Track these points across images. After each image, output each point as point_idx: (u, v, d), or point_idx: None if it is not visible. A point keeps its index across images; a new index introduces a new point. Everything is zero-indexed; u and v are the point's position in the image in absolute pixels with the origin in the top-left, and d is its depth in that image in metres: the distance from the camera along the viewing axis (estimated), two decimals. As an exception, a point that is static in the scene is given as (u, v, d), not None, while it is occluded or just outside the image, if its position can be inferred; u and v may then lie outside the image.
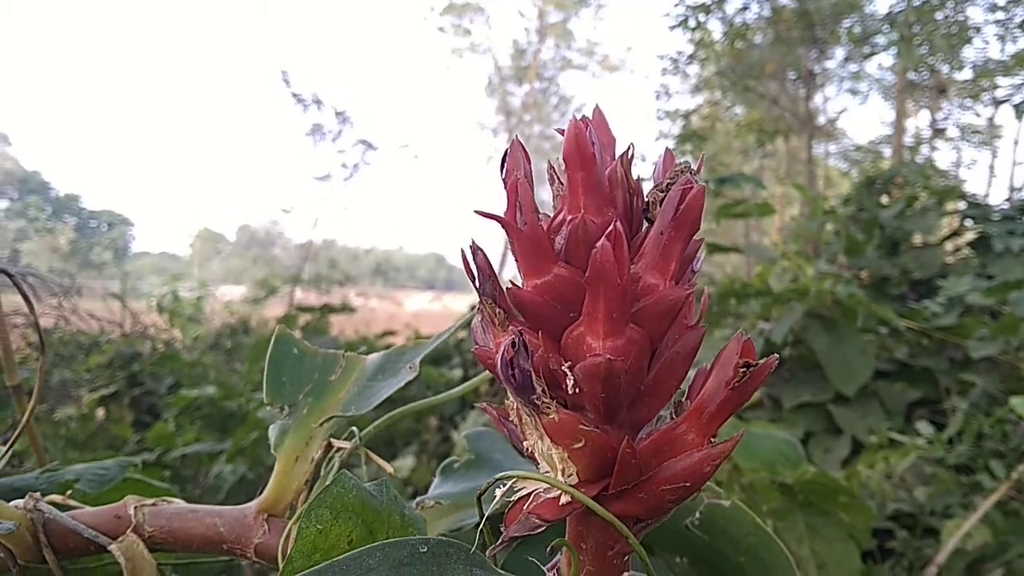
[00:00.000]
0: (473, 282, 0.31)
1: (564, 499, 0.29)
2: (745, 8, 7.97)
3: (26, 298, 0.53)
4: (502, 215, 0.31)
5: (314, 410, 0.46)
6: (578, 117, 0.31)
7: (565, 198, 0.32)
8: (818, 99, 9.12)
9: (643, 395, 0.31)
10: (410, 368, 0.48)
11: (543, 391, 0.29)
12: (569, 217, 0.31)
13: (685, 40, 8.58)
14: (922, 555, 1.70)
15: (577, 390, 0.30)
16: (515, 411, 0.31)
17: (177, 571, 0.45)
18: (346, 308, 4.51)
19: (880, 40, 7.62)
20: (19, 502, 0.45)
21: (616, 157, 0.33)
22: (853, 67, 8.77)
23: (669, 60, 8.98)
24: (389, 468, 0.45)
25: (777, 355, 0.29)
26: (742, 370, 0.29)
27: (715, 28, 8.36)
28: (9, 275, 0.54)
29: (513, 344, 0.28)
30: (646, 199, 0.33)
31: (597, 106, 0.34)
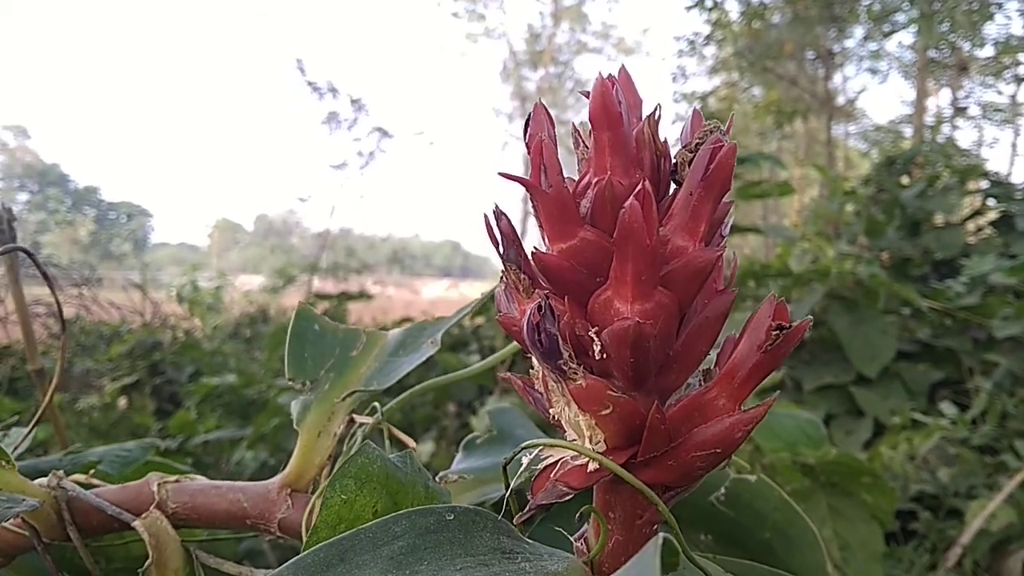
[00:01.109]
0: (497, 248, 0.31)
1: (592, 466, 0.29)
2: (763, -13, 7.89)
3: (48, 281, 0.53)
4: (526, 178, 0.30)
5: (336, 385, 0.46)
6: (604, 76, 0.30)
7: (591, 160, 0.31)
8: (837, 79, 9.02)
9: (672, 361, 0.30)
10: (431, 343, 0.47)
11: (570, 356, 0.28)
12: (595, 179, 0.30)
13: (702, 21, 8.50)
14: (946, 536, 1.69)
15: (605, 356, 0.29)
16: (541, 379, 0.31)
17: (202, 548, 0.45)
18: (363, 295, 4.52)
19: (900, 18, 7.52)
20: (43, 480, 0.45)
21: (643, 118, 0.32)
22: (873, 46, 8.66)
23: (686, 41, 8.91)
24: (411, 443, 0.45)
25: (811, 318, 0.28)
26: (775, 332, 0.28)
27: (732, 8, 8.28)
28: (31, 255, 0.54)
29: (539, 308, 0.27)
30: (674, 160, 0.32)
31: (623, 66, 0.33)
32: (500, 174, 0.29)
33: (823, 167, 4.40)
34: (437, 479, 0.44)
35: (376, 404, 0.46)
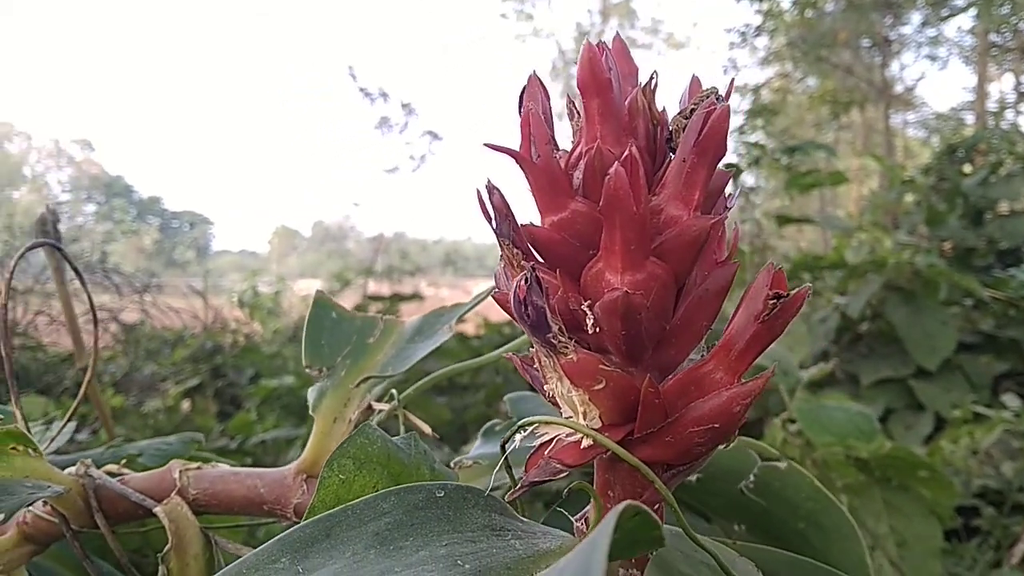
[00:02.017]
0: (490, 223, 0.30)
1: (586, 443, 0.28)
2: (815, -25, 7.73)
3: (78, 274, 0.54)
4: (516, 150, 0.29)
5: (352, 372, 0.46)
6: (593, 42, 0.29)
7: (582, 130, 0.30)
8: (894, 67, 8.78)
9: (670, 336, 0.30)
10: (448, 328, 0.47)
11: (560, 329, 0.27)
12: (586, 148, 0.30)
13: (752, 12, 8.36)
14: (1010, 533, 1.62)
15: (598, 329, 0.28)
16: (537, 355, 0.30)
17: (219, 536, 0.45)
18: (416, 296, 4.55)
19: (959, 1, 7.28)
20: (72, 468, 0.46)
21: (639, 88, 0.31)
22: (931, 32, 8.40)
23: (737, 33, 8.77)
24: (427, 429, 0.45)
25: (809, 284, 0.27)
26: (772, 301, 0.27)
27: (785, -3, 8.13)
28: (59, 248, 0.55)
29: (525, 280, 0.27)
30: (670, 128, 0.31)
31: (617, 34, 0.32)
32: (486, 144, 0.28)
33: (880, 156, 4.29)
34: (452, 465, 0.44)
35: (393, 392, 0.46)
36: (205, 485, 0.44)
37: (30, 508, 0.48)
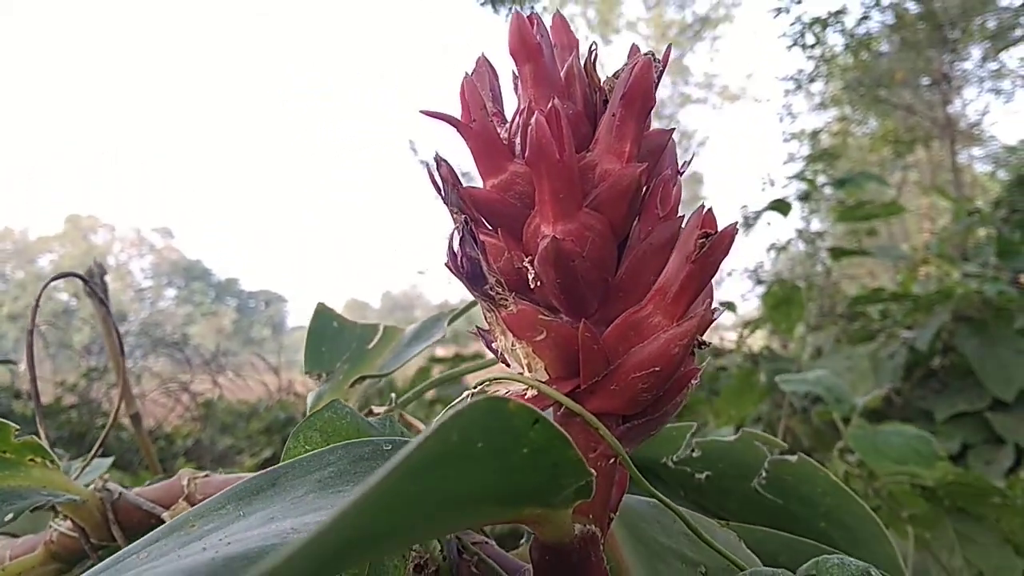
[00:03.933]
0: (439, 194, 0.31)
1: (530, 394, 0.28)
2: (865, 17, 7.69)
3: (106, 307, 0.57)
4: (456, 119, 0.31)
5: (350, 374, 0.47)
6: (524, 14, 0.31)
7: (521, 98, 0.31)
8: (957, 103, 8.61)
9: (617, 290, 0.30)
10: (440, 330, 0.48)
11: (497, 281, 0.28)
12: (520, 111, 0.31)
13: (804, 58, 8.34)
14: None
15: (539, 283, 0.29)
16: (484, 314, 0.31)
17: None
18: (476, 356, 4.58)
19: (1018, 32, 7.14)
20: (88, 480, 0.48)
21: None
22: (992, 65, 8.23)
23: (791, 80, 8.74)
24: (422, 428, 0.45)
25: (737, 223, 0.28)
26: (701, 241, 0.27)
27: (836, 41, 8.09)
28: (86, 280, 0.58)
29: (460, 232, 0.28)
30: (606, 91, 0.32)
31: (558, 11, 0.33)
32: (423, 111, 0.30)
33: (943, 189, 4.19)
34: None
35: (393, 395, 0.47)
36: (211, 490, 0.46)
37: (57, 527, 0.50)
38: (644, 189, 0.31)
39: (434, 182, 0.32)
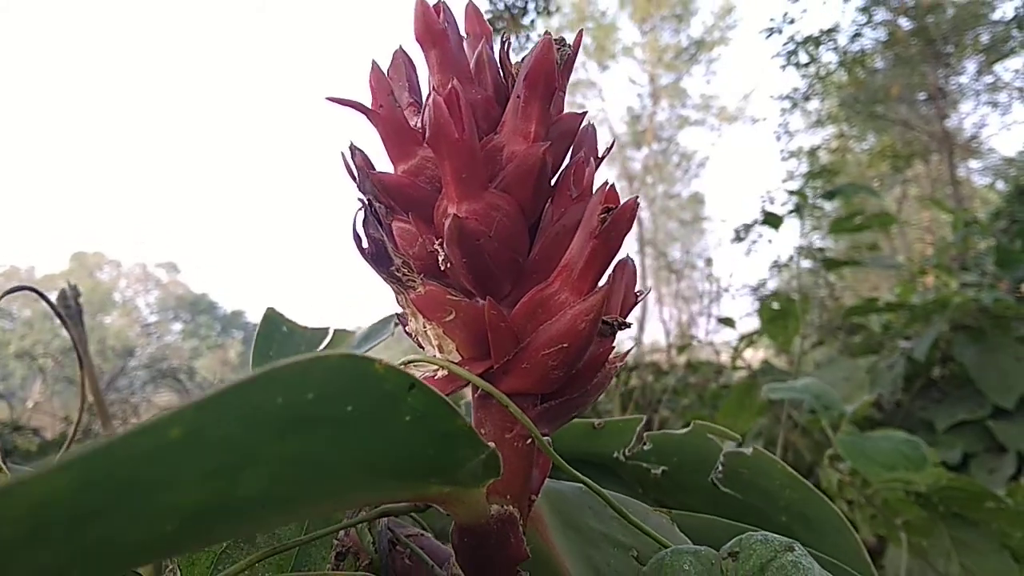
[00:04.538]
0: (353, 181, 0.32)
1: (441, 374, 0.29)
2: (858, 34, 7.74)
3: (61, 318, 0.57)
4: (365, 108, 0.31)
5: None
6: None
7: (429, 83, 0.32)
8: (955, 117, 8.62)
9: (530, 272, 0.30)
10: (390, 330, 0.48)
11: (404, 263, 0.28)
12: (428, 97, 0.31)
13: (799, 76, 8.39)
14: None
15: (448, 264, 0.29)
16: (395, 297, 0.31)
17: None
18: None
19: (1011, 45, 7.16)
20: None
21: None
22: (988, 78, 8.26)
23: (786, 99, 8.78)
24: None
25: (638, 199, 0.28)
26: (603, 216, 0.27)
27: (830, 59, 8.14)
28: (40, 293, 0.59)
29: (363, 212, 0.28)
30: (514, 76, 0.32)
31: (471, 2, 0.34)
32: (329, 98, 0.30)
33: (940, 200, 4.19)
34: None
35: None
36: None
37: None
38: (557, 171, 0.31)
39: (349, 170, 0.32)
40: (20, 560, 0.13)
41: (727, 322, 2.96)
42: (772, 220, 2.23)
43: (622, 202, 0.27)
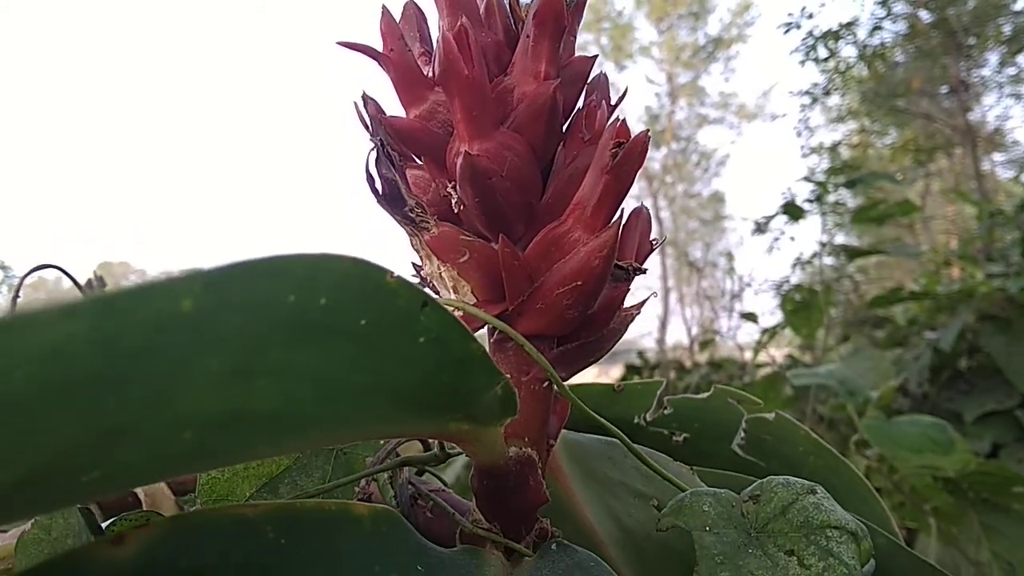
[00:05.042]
0: (366, 129, 0.32)
1: (456, 315, 0.28)
2: (877, 28, 7.66)
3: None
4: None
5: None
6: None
7: (439, 28, 0.32)
8: (977, 110, 8.51)
9: (544, 214, 0.30)
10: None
11: (417, 203, 0.28)
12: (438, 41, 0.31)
13: (818, 72, 8.32)
14: None
15: (462, 206, 0.29)
16: (410, 241, 0.31)
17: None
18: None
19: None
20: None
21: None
22: (1011, 70, 8.14)
23: (806, 95, 8.71)
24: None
25: (648, 130, 0.28)
26: (614, 151, 0.27)
27: (849, 53, 8.06)
28: (65, 272, 0.59)
29: (376, 153, 0.28)
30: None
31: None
32: (339, 42, 0.30)
33: (964, 193, 4.14)
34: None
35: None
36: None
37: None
38: (569, 114, 0.31)
39: (362, 119, 0.32)
40: (44, 425, 0.13)
41: (750, 317, 2.94)
42: (793, 211, 2.21)
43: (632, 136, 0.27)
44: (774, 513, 0.30)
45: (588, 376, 0.52)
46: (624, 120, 0.28)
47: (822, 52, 7.60)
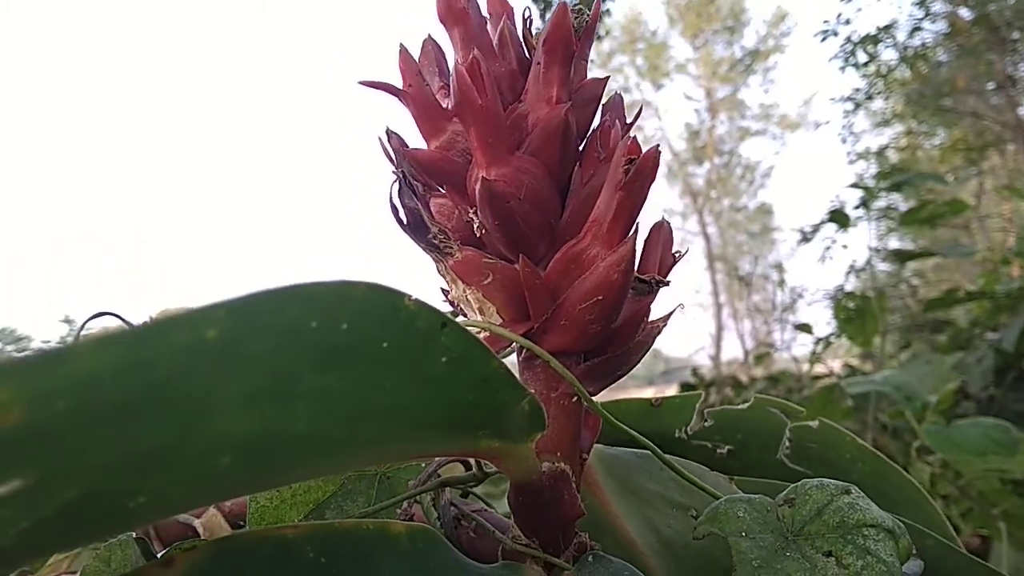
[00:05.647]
0: (391, 162, 0.33)
1: (482, 336, 0.29)
2: (917, 28, 7.56)
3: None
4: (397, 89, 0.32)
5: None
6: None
7: (455, 62, 0.33)
8: (1028, 103, 8.30)
9: (564, 234, 0.31)
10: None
11: (440, 230, 0.29)
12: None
13: (859, 77, 8.21)
14: None
15: (483, 231, 0.30)
16: (436, 267, 0.32)
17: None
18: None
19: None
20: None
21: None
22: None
23: (848, 100, 8.60)
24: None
25: (659, 146, 0.28)
26: (626, 167, 0.28)
27: (890, 56, 7.95)
28: (120, 318, 0.62)
29: (397, 184, 0.29)
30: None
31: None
32: (361, 82, 0.31)
33: (1018, 188, 4.03)
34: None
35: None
36: (239, 499, 0.47)
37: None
38: (584, 136, 0.32)
39: (386, 153, 0.33)
40: (79, 449, 0.14)
41: (804, 328, 2.90)
42: (839, 218, 2.18)
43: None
44: (810, 515, 0.30)
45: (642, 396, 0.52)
46: (635, 137, 0.29)
47: (862, 57, 7.51)
